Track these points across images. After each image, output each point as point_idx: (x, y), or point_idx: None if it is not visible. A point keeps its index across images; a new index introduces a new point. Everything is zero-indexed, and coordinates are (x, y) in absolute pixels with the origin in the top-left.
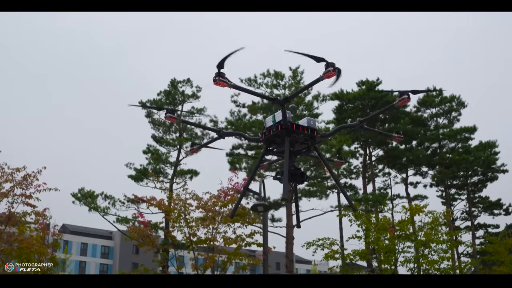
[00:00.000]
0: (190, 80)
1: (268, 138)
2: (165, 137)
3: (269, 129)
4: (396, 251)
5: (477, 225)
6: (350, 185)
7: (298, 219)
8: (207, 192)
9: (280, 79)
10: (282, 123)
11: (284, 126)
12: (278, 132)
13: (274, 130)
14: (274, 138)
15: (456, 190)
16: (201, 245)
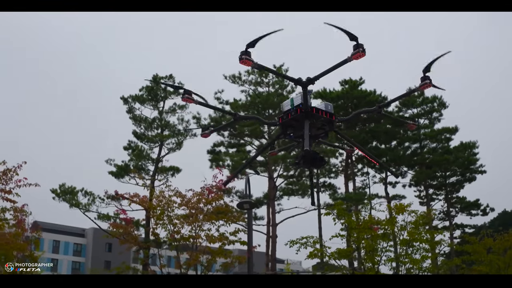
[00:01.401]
0: (172, 76)
1: (286, 122)
2: (147, 133)
3: (287, 112)
4: (380, 250)
5: (454, 225)
6: (329, 184)
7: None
8: (190, 189)
9: (264, 76)
10: (301, 106)
11: (304, 109)
12: (297, 116)
13: (293, 114)
14: (292, 122)
15: (434, 190)
16: (184, 242)
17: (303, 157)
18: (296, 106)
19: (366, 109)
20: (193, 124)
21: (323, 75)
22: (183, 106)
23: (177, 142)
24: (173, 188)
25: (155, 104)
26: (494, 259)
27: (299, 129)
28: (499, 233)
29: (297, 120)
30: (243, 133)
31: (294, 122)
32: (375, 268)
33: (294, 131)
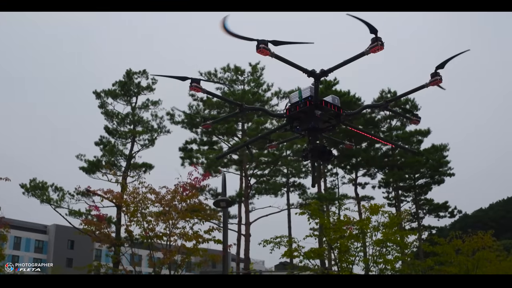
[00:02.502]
0: (146, 71)
1: (293, 114)
2: (119, 129)
3: (295, 105)
4: (354, 250)
5: (422, 227)
6: (299, 184)
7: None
8: (164, 187)
9: (240, 74)
10: (310, 99)
11: (314, 102)
12: (305, 108)
13: (302, 106)
14: (299, 114)
15: (402, 192)
16: (158, 240)
17: (312, 150)
18: (304, 98)
19: (373, 104)
20: (167, 120)
21: (338, 68)
22: (156, 102)
23: (150, 138)
24: (147, 185)
25: (128, 100)
26: (463, 260)
27: (306, 122)
28: (468, 234)
29: (305, 112)
30: (219, 131)
31: (301, 115)
32: (348, 268)
33: (301, 123)
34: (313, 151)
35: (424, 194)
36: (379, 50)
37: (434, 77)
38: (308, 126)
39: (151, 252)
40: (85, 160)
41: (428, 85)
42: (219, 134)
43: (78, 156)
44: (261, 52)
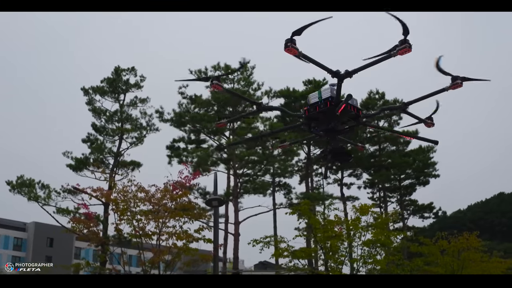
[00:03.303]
0: (134, 68)
1: (312, 115)
2: (107, 126)
3: (314, 105)
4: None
5: (407, 228)
6: (284, 184)
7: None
8: (153, 185)
9: (230, 73)
10: (330, 99)
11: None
12: (325, 109)
13: (322, 107)
14: (318, 115)
15: (387, 193)
16: (148, 239)
17: (332, 152)
18: (324, 99)
19: (391, 106)
20: (156, 118)
21: (363, 69)
22: (144, 100)
23: (138, 136)
24: (136, 183)
25: (116, 97)
26: (449, 261)
27: (324, 123)
28: (453, 235)
29: (324, 113)
30: (209, 129)
31: (320, 115)
32: (338, 268)
33: (318, 124)
34: (333, 152)
35: (409, 195)
36: (407, 52)
37: (454, 81)
38: (327, 127)
39: (142, 251)
40: (72, 158)
41: (448, 89)
42: (209, 133)
43: (65, 153)
44: (289, 51)
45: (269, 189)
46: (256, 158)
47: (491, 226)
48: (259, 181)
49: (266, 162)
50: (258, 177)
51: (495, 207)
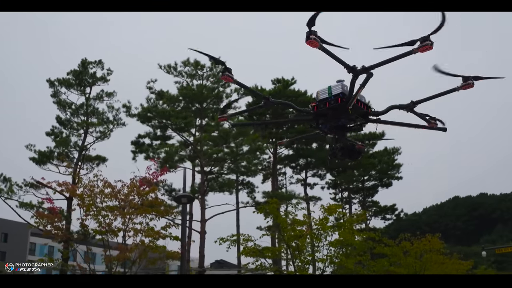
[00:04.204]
0: (101, 61)
1: (321, 111)
2: (73, 119)
3: (324, 101)
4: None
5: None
6: (248, 182)
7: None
8: (120, 180)
9: (199, 69)
10: (341, 96)
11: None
12: (336, 105)
13: (333, 103)
14: (328, 111)
15: (350, 194)
16: (114, 236)
17: (342, 149)
18: (335, 95)
19: (400, 104)
20: (123, 113)
21: (380, 65)
22: (111, 94)
23: (104, 130)
24: (102, 178)
25: (82, 90)
26: (411, 262)
27: (333, 119)
28: (416, 237)
29: (334, 109)
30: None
31: (329, 111)
32: (304, 268)
33: (326, 120)
34: (343, 149)
35: (371, 196)
36: (428, 50)
37: (466, 81)
38: (337, 124)
39: (109, 248)
40: (35, 151)
41: (459, 89)
42: (176, 129)
43: (28, 146)
44: (311, 44)
45: (238, 187)
46: (226, 156)
47: (446, 229)
48: (225, 178)
49: (234, 160)
50: (224, 174)
51: (450, 211)
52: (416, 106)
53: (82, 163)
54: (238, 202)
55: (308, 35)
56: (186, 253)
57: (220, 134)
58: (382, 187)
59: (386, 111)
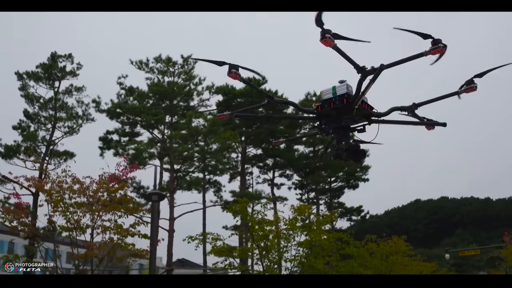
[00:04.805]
0: (71, 55)
1: (325, 111)
2: (40, 113)
3: (328, 101)
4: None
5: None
6: (215, 181)
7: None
8: (88, 177)
9: (171, 66)
10: (346, 96)
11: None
12: (341, 106)
13: (338, 103)
14: (332, 111)
15: (316, 194)
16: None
17: (347, 150)
18: (339, 95)
19: (402, 106)
20: (92, 108)
21: (391, 66)
22: (80, 89)
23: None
24: (71, 173)
25: (51, 84)
26: (377, 264)
27: (336, 120)
28: (383, 239)
29: (339, 110)
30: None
31: (333, 112)
32: (273, 268)
33: (329, 121)
34: (348, 150)
35: (337, 197)
36: (440, 52)
37: (469, 85)
38: (342, 124)
39: (76, 245)
40: (1, 145)
41: (462, 92)
42: (146, 126)
43: None
44: (325, 43)
45: (205, 186)
46: (196, 154)
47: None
48: (193, 177)
49: (203, 158)
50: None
51: (411, 214)
52: (417, 108)
53: (50, 158)
54: (205, 201)
55: (323, 34)
56: (155, 251)
57: (190, 132)
58: (348, 189)
59: (388, 112)
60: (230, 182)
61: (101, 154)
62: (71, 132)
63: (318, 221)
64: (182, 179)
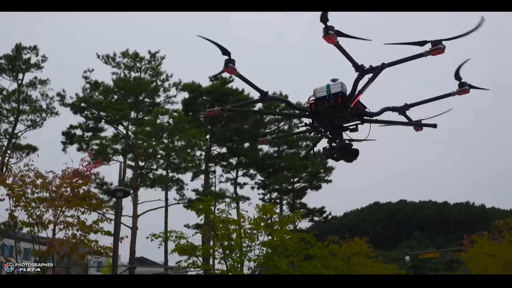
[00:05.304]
0: (37, 47)
1: (319, 109)
2: (3, 106)
3: (323, 99)
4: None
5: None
6: (178, 179)
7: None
8: (51, 171)
9: (138, 61)
10: (340, 94)
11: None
12: (336, 104)
13: (332, 102)
14: (326, 109)
15: (280, 195)
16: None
17: (341, 149)
18: (334, 93)
19: (393, 106)
20: (57, 102)
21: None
22: (44, 81)
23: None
24: (34, 168)
25: (14, 76)
26: (339, 265)
27: (329, 118)
28: (345, 240)
29: (333, 108)
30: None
31: (326, 110)
32: (237, 267)
33: (322, 119)
34: (342, 150)
35: (299, 198)
36: (439, 53)
37: (462, 87)
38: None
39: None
40: None
41: (455, 94)
42: (111, 122)
43: None
44: (328, 40)
45: (168, 183)
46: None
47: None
48: (157, 174)
49: (167, 155)
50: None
51: (370, 216)
52: (409, 109)
53: (12, 152)
54: (167, 199)
55: (326, 30)
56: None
57: (155, 129)
58: (311, 190)
59: (380, 112)
60: (192, 180)
61: (63, 149)
62: (34, 125)
63: (282, 221)
64: (146, 176)
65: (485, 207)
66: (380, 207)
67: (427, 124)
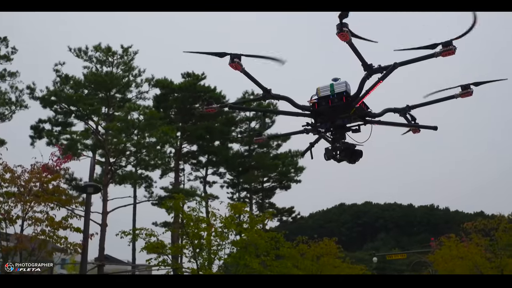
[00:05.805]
0: (7, 39)
1: (322, 109)
2: None
3: (326, 99)
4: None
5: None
6: (146, 177)
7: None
8: (20, 165)
9: (111, 55)
10: (344, 94)
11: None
12: (340, 104)
13: (336, 101)
14: (329, 109)
15: (250, 194)
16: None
17: (345, 150)
18: (338, 93)
19: (395, 108)
20: (27, 95)
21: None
22: (14, 74)
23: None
24: (2, 161)
25: None
26: (308, 265)
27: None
28: (314, 240)
29: (336, 107)
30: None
31: (330, 110)
32: (208, 266)
33: (324, 119)
34: (346, 150)
35: (269, 198)
36: (450, 54)
37: (465, 90)
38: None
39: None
40: None
41: (458, 96)
42: (81, 116)
43: None
44: (342, 37)
45: (137, 180)
46: (131, 147)
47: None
48: (127, 171)
49: (138, 152)
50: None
51: (335, 217)
52: (411, 110)
53: None
54: (135, 196)
55: (341, 27)
56: (88, 246)
57: (126, 125)
58: (281, 189)
59: (382, 113)
60: (161, 178)
61: (32, 143)
62: (3, 118)
63: (253, 220)
64: (115, 173)
65: (449, 210)
66: (345, 208)
67: (427, 126)
